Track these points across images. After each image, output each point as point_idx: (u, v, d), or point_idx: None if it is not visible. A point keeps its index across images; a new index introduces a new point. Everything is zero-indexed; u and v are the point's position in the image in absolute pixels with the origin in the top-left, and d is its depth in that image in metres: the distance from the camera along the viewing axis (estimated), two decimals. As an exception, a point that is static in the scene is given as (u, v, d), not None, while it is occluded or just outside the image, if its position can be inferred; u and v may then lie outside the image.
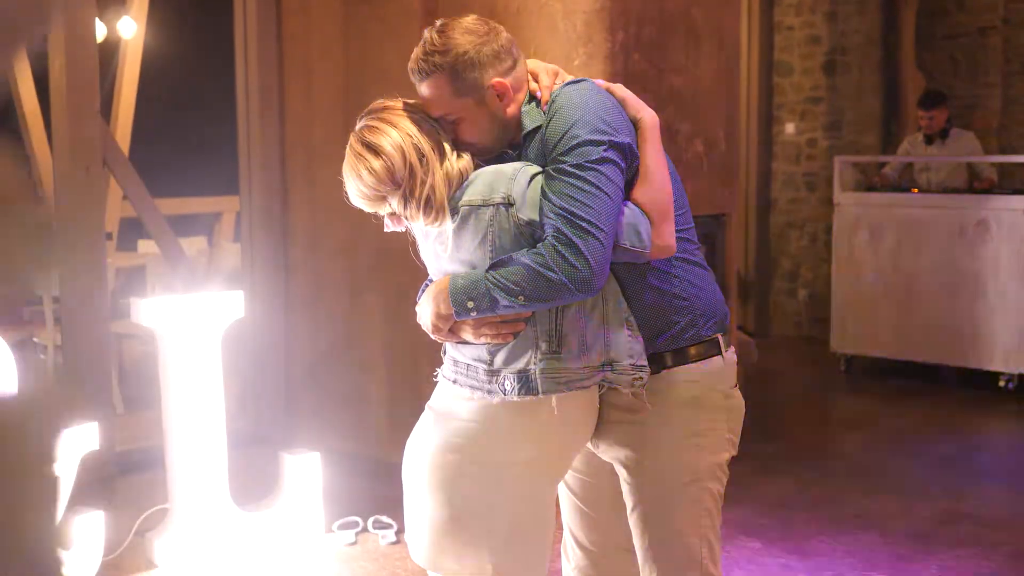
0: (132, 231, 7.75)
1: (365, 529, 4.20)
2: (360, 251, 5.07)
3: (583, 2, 4.53)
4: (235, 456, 4.09)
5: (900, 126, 8.50)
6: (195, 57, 9.13)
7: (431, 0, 4.99)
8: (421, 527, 2.25)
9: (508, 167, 2.16)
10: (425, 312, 2.20)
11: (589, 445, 2.37)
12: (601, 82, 2.28)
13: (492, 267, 2.10)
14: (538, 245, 2.08)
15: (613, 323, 2.18)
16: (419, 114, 2.18)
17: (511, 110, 2.23)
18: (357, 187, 2.16)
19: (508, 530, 2.19)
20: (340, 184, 2.25)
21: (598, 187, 2.09)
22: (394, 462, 2.53)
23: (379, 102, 2.22)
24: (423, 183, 2.12)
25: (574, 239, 2.06)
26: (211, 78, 7.58)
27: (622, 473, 2.32)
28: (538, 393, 2.14)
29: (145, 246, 7.23)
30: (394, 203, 2.15)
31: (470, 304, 2.11)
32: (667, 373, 2.26)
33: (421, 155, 2.13)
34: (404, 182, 2.12)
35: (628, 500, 2.32)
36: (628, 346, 2.19)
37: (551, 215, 2.09)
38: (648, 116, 2.24)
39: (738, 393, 2.37)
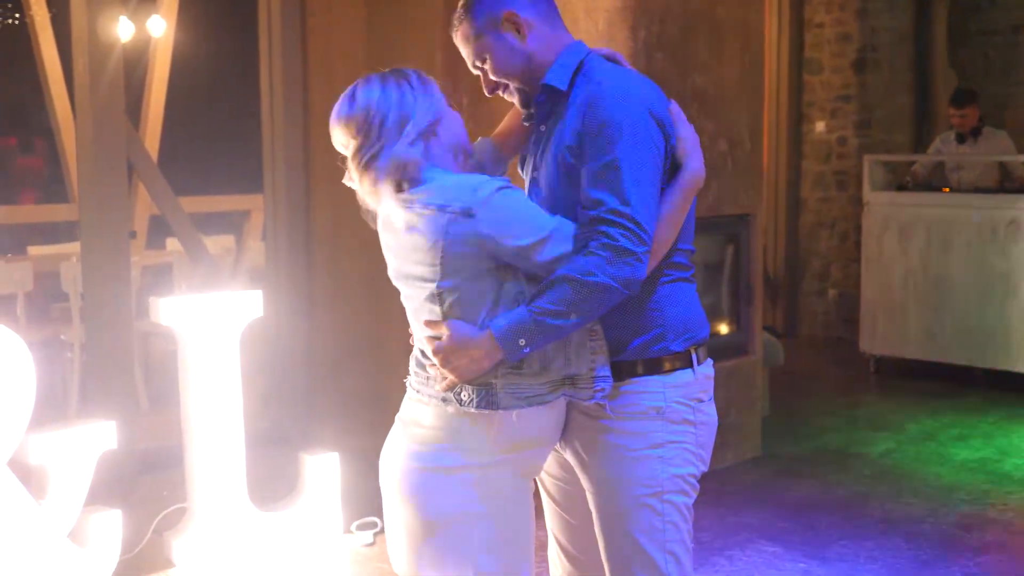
0: (161, 229, 7.78)
1: (383, 530, 4.20)
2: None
3: (605, 0, 4.50)
4: (256, 455, 4.09)
5: (932, 124, 8.41)
6: (223, 55, 9.17)
7: (453, 0, 4.97)
8: (399, 537, 2.23)
9: (473, 178, 2.13)
10: (458, 364, 2.12)
11: (558, 447, 2.34)
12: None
13: (532, 298, 2.07)
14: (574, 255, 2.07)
15: (575, 337, 2.14)
16: (418, 91, 2.19)
17: (534, 46, 2.25)
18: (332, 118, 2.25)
19: (484, 536, 2.15)
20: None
21: (636, 182, 2.08)
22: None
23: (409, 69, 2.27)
24: (372, 146, 2.14)
25: (613, 235, 2.05)
26: (239, 76, 7.61)
27: (582, 478, 2.30)
28: (498, 408, 2.12)
29: (173, 244, 7.27)
30: (348, 152, 2.21)
31: (522, 342, 2.07)
32: (633, 382, 2.23)
33: (383, 122, 2.15)
34: (357, 138, 2.17)
35: (591, 507, 2.30)
36: (590, 360, 2.17)
37: (589, 214, 2.09)
38: (693, 168, 2.22)
39: (710, 408, 2.33)
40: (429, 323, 2.16)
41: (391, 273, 2.27)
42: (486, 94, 2.38)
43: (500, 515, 2.17)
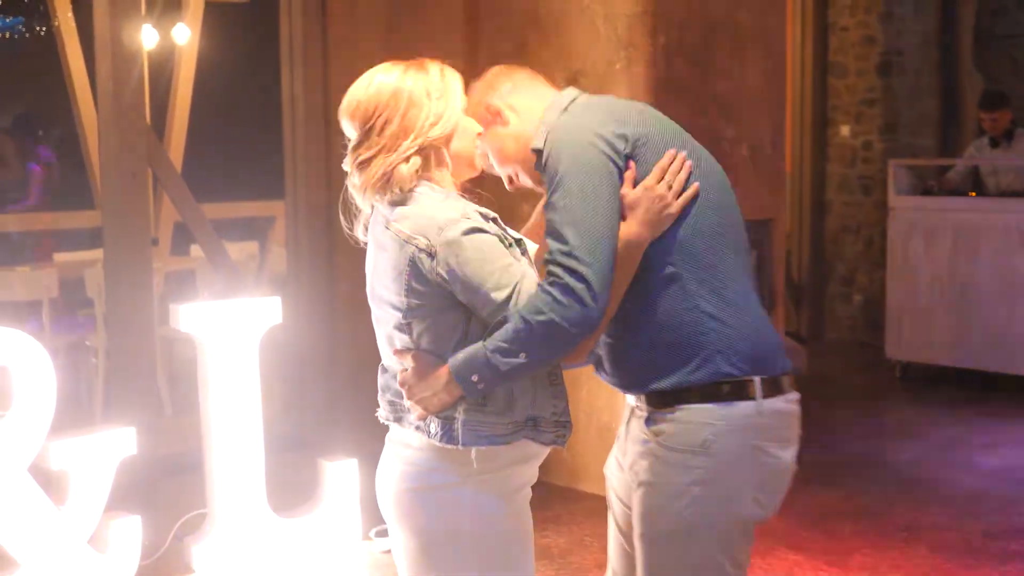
0: (186, 235, 7.82)
1: (403, 536, 4.19)
2: (403, 257, 5.06)
3: (624, 6, 4.49)
4: (277, 461, 4.10)
5: (958, 128, 8.33)
6: (247, 62, 9.22)
7: (473, 8, 4.99)
8: (399, 558, 2.22)
9: (442, 215, 2.04)
10: (422, 396, 2.09)
11: (621, 463, 2.29)
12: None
13: (487, 334, 2.02)
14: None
15: (540, 378, 2.09)
16: (435, 94, 2.13)
17: (517, 125, 2.24)
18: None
19: (479, 557, 2.12)
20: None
21: (572, 223, 2.02)
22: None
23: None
24: (369, 148, 2.11)
25: (559, 274, 1.99)
26: (266, 81, 7.66)
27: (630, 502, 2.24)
28: (458, 444, 2.06)
29: (197, 250, 7.30)
30: (350, 140, 2.18)
31: (475, 378, 2.02)
32: (680, 410, 2.12)
33: (384, 127, 2.11)
34: (358, 133, 2.15)
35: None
36: (552, 403, 2.11)
37: (546, 256, 2.04)
38: (625, 232, 2.08)
39: (783, 452, 2.15)
40: (397, 352, 2.14)
41: (368, 291, 2.23)
42: (508, 189, 2.37)
43: (491, 536, 2.12)
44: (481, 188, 2.25)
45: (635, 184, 2.10)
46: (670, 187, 2.10)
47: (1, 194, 8.43)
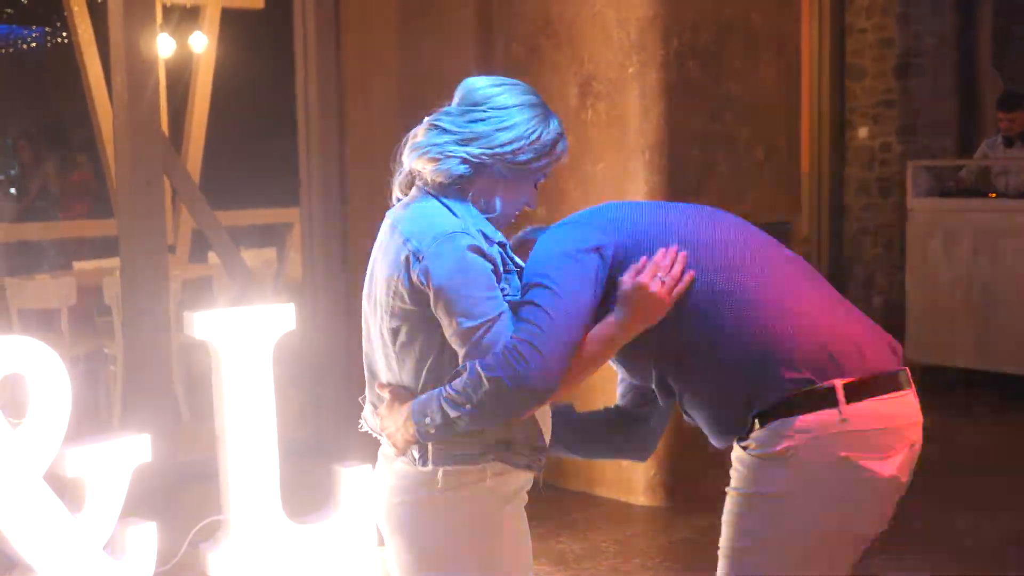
0: (204, 243, 7.87)
1: (419, 542, 4.19)
2: (418, 262, 5.06)
3: (637, 10, 4.48)
4: (294, 468, 4.10)
5: (977, 129, 8.28)
6: (263, 69, 9.26)
7: (486, 13, 4.99)
8: (394, 569, 2.22)
9: (442, 224, 2.04)
10: (390, 430, 2.11)
11: None
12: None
13: (449, 378, 2.02)
14: None
15: None
16: (534, 132, 2.10)
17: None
18: None
19: (474, 561, 2.11)
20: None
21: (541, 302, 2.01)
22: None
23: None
24: (450, 123, 2.12)
25: (518, 335, 1.98)
26: (282, 88, 7.69)
27: None
28: (427, 464, 2.06)
29: (215, 258, 7.33)
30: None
31: (427, 420, 2.02)
32: (763, 431, 2.06)
33: (479, 119, 2.09)
34: (459, 104, 2.15)
35: None
36: (526, 428, 2.09)
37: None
38: (608, 320, 2.07)
39: (878, 463, 2.05)
40: (380, 385, 2.15)
41: (364, 294, 2.22)
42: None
43: (485, 549, 2.11)
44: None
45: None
46: (663, 283, 2.06)
47: (28, 203, 8.49)
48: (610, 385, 2.36)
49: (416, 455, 2.08)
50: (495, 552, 2.13)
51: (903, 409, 2.13)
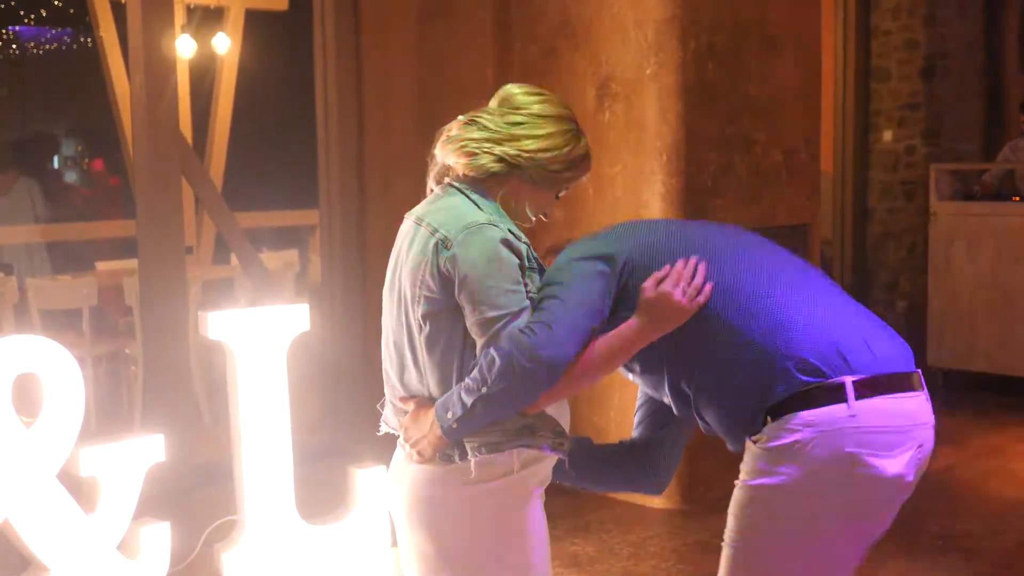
0: (227, 244, 7.91)
1: (432, 543, 4.19)
2: (435, 264, 5.06)
3: (654, 11, 4.47)
4: (310, 468, 4.11)
5: (1003, 132, 8.21)
6: (288, 69, 9.30)
7: (503, 15, 4.99)
8: (412, 564, 2.22)
9: (472, 215, 2.08)
10: (416, 439, 2.12)
11: None
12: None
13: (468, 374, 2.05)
14: None
15: None
16: (565, 147, 2.16)
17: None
18: None
19: (497, 564, 2.12)
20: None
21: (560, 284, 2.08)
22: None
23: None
24: (489, 120, 2.15)
25: (530, 321, 2.01)
26: (303, 91, 7.73)
27: None
28: (454, 459, 2.08)
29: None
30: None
31: (448, 415, 2.03)
32: (772, 425, 2.08)
33: (518, 123, 2.13)
34: (498, 104, 2.18)
35: None
36: (546, 417, 2.10)
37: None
38: (631, 324, 2.10)
39: (884, 461, 2.05)
40: (401, 399, 2.17)
41: (384, 289, 2.23)
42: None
43: (510, 541, 2.13)
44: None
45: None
46: (684, 292, 2.10)
47: (52, 204, 8.56)
48: (623, 383, 2.36)
49: (447, 452, 2.09)
50: (520, 547, 2.14)
51: (913, 409, 2.14)
